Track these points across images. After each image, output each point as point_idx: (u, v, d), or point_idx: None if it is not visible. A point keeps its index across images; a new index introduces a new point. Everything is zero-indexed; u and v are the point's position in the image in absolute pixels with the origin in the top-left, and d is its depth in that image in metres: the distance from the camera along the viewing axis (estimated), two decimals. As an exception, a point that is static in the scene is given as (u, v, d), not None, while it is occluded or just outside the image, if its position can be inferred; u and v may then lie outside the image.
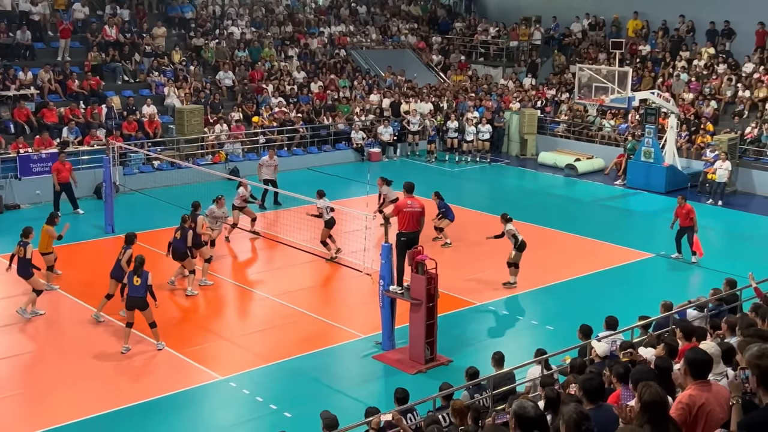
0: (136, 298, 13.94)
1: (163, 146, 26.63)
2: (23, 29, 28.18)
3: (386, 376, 13.57)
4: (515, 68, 36.64)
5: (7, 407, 12.32)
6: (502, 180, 28.61)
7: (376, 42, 37.85)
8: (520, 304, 16.90)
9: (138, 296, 13.91)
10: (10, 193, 22.84)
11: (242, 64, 31.95)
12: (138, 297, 13.91)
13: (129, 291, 14.07)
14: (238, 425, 12.18)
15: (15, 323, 15.42)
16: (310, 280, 18.23)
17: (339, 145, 30.15)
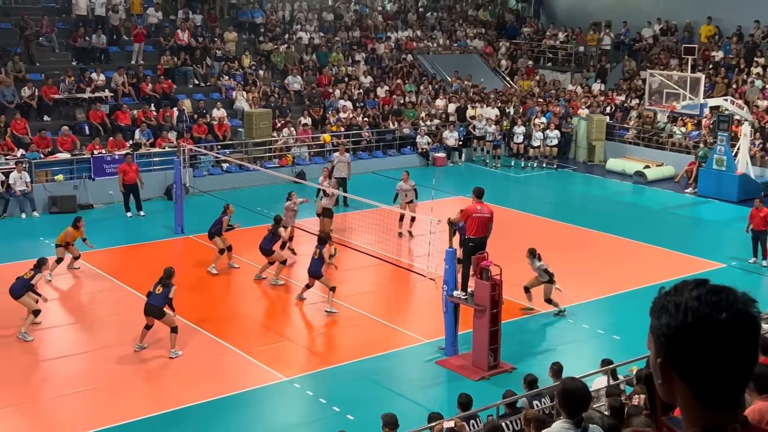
0: (153, 306, 14.02)
1: (231, 149, 27.02)
2: (99, 33, 28.90)
3: (449, 382, 13.53)
4: (584, 73, 36.20)
5: (75, 403, 12.63)
6: (568, 186, 28.27)
7: (443, 47, 37.81)
8: (587, 313, 16.66)
9: (155, 305, 13.99)
10: (84, 193, 23.43)
11: (310, 68, 32.26)
12: (155, 306, 13.99)
13: (149, 298, 14.17)
14: (301, 426, 12.29)
15: (80, 322, 15.81)
16: (374, 284, 18.28)
17: (404, 150, 30.20)
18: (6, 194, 22.06)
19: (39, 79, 26.39)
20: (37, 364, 14.00)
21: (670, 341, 2.03)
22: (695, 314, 1.99)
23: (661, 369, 2.07)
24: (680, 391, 2.05)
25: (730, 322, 1.97)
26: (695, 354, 1.98)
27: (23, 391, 12.88)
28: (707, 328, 1.97)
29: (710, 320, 1.97)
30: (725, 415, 2.02)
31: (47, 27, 28.42)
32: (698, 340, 1.98)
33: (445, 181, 25.42)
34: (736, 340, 1.97)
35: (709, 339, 1.97)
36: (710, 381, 1.99)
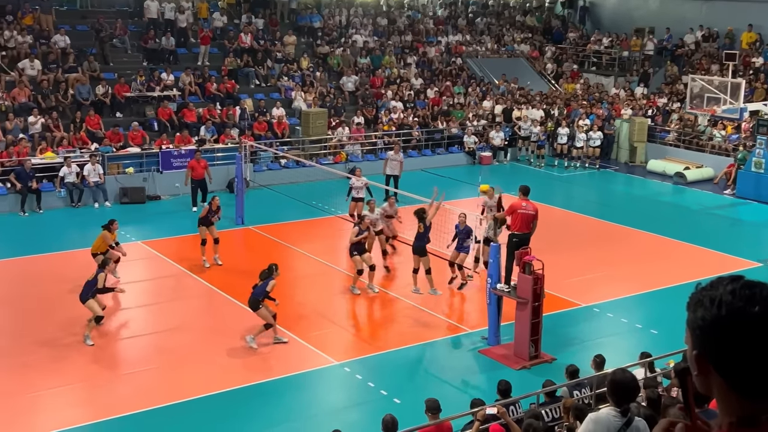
0: (251, 296, 13.91)
1: (289, 146, 27.23)
2: (168, 36, 29.34)
3: (491, 370, 13.48)
4: (627, 77, 35.70)
5: (141, 380, 12.88)
6: (610, 186, 27.94)
7: (491, 51, 37.58)
8: (625, 308, 16.47)
9: (253, 297, 13.86)
10: (152, 185, 23.83)
11: (364, 70, 32.34)
12: (253, 298, 13.87)
13: (253, 288, 13.99)
14: (350, 408, 12.36)
15: (150, 304, 16.10)
16: (422, 276, 18.28)
17: (452, 149, 30.12)
18: (81, 185, 22.56)
19: (112, 78, 26.87)
20: (107, 343, 14.30)
21: (705, 334, 2.02)
22: (729, 308, 1.98)
23: (697, 361, 2.06)
24: (716, 383, 2.04)
25: (764, 315, 1.96)
26: (729, 346, 1.97)
27: (92, 368, 13.17)
28: (741, 321, 1.96)
29: (743, 313, 1.96)
30: (760, 405, 2.00)
31: (121, 29, 28.93)
32: (732, 333, 1.96)
33: (491, 179, 25.23)
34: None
35: (743, 332, 1.96)
36: (744, 372, 1.98)
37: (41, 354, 13.45)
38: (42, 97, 25.00)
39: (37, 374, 12.80)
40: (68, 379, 12.73)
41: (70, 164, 22.37)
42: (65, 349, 13.69)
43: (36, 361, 13.20)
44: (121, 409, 11.82)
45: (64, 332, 14.31)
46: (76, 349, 13.68)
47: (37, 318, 14.92)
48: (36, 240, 19.49)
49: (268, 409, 12.02)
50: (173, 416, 11.74)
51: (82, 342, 13.80)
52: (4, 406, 11.80)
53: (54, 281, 16.80)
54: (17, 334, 14.25)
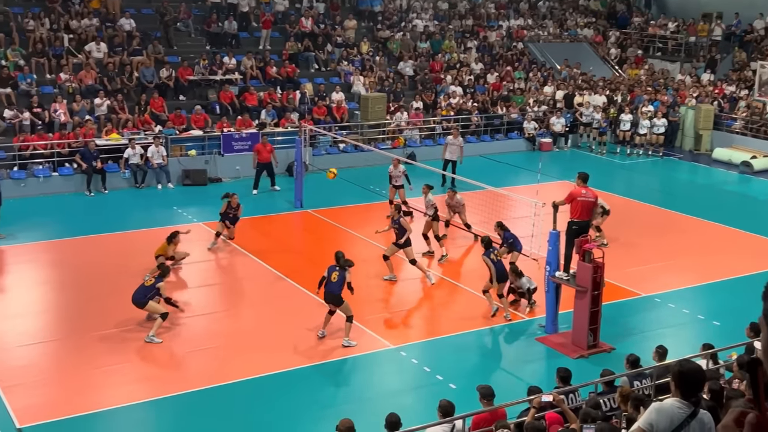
0: (331, 294, 13.50)
1: (348, 130, 27.34)
2: (230, 20, 29.66)
3: (548, 358, 13.42)
4: (693, 63, 34.88)
5: (201, 359, 13.15)
6: (673, 174, 27.39)
7: (554, 35, 37.10)
8: (687, 298, 16.18)
9: (332, 292, 13.46)
10: (213, 168, 24.20)
11: (423, 55, 32.23)
12: (332, 293, 13.46)
13: (326, 286, 13.54)
14: (406, 391, 12.44)
15: (211, 284, 16.40)
16: (480, 262, 18.22)
17: (511, 135, 29.88)
18: (144, 166, 23.04)
19: (176, 61, 27.30)
20: (169, 323, 14.62)
21: None
22: None
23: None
24: None
25: None
26: None
27: (155, 346, 13.49)
28: None
29: None
30: None
31: (184, 13, 29.36)
32: None
33: (551, 166, 25.05)
34: None
35: None
36: None
37: (106, 331, 13.82)
38: (108, 79, 25.56)
39: (103, 350, 13.17)
40: (130, 357, 13.07)
41: (134, 146, 22.86)
42: (129, 326, 14.05)
43: (101, 338, 13.58)
44: (182, 387, 12.11)
45: (127, 310, 14.69)
46: (140, 327, 14.03)
47: (103, 296, 15.34)
48: (101, 220, 19.99)
49: (325, 391, 12.18)
50: (231, 395, 11.97)
51: (148, 333, 14.12)
52: (72, 380, 12.19)
53: (118, 260, 17.22)
54: (83, 312, 14.67)
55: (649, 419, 5.20)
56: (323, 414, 11.11)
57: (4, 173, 21.54)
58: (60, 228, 19.38)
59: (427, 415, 9.82)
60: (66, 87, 24.71)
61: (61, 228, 19.37)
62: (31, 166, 22.42)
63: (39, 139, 22.66)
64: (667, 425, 5.15)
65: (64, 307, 14.96)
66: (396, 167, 20.30)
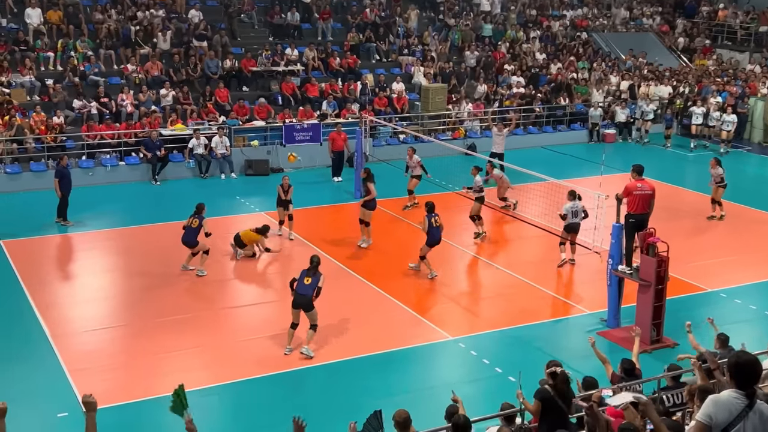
0: (302, 297, 12.70)
1: (408, 121, 27.30)
2: (293, 11, 29.85)
3: (610, 353, 13.11)
4: (763, 53, 33.84)
5: (258, 347, 13.27)
6: (741, 167, 26.62)
7: (619, 24, 36.39)
8: (755, 294, 15.74)
9: (305, 295, 12.68)
10: (275, 158, 24.43)
11: (486, 44, 31.94)
12: (304, 295, 12.68)
13: (297, 288, 12.77)
14: (465, 383, 12.35)
15: (271, 273, 16.53)
16: (541, 254, 18.03)
17: (574, 126, 29.44)
18: (208, 156, 23.38)
19: (239, 52, 27.61)
20: (228, 310, 14.82)
21: None
22: None
23: None
24: None
25: None
26: None
27: (213, 333, 13.69)
28: None
29: None
30: None
31: (248, 5, 29.67)
32: None
33: (614, 158, 24.59)
34: None
35: None
36: None
37: (169, 318, 14.09)
38: (173, 70, 25.97)
39: (166, 336, 13.43)
40: (193, 342, 13.28)
41: (198, 136, 23.21)
42: (191, 313, 14.30)
43: (165, 324, 13.85)
44: (243, 373, 12.25)
45: (187, 298, 14.95)
46: (199, 314, 14.26)
47: (167, 284, 15.63)
48: (166, 208, 20.36)
49: (385, 380, 12.19)
50: (291, 384, 12.08)
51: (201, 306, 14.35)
52: (137, 365, 12.46)
53: (182, 248, 17.51)
54: (148, 299, 14.97)
55: (707, 411, 5.10)
56: (379, 404, 11.08)
57: (73, 162, 22.10)
58: (126, 216, 19.81)
59: (486, 407, 9.75)
60: (132, 78, 25.21)
61: (127, 216, 19.79)
62: (98, 155, 22.97)
63: (106, 129, 23.18)
64: (726, 416, 5.05)
65: (129, 294, 15.29)
66: (411, 157, 20.69)
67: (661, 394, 9.18)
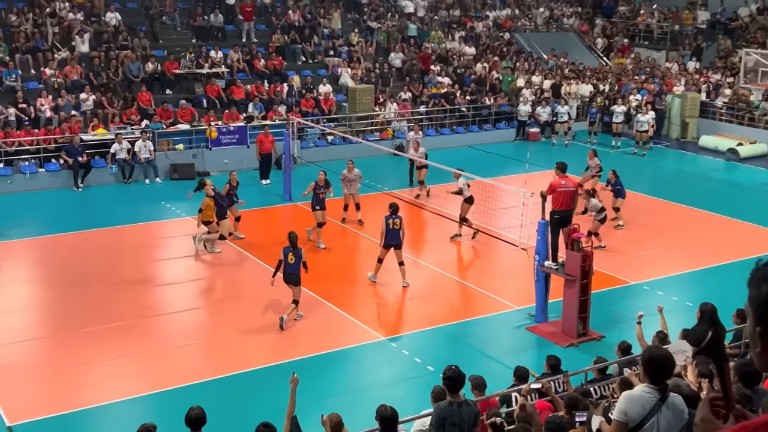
0: (293, 275, 13.86)
1: (336, 122, 27.28)
2: (216, 12, 29.51)
3: (538, 347, 13.45)
4: (679, 52, 34.96)
5: (189, 354, 13.11)
6: (661, 162, 27.45)
7: (540, 25, 37.10)
8: (676, 286, 16.25)
9: (295, 272, 13.85)
10: (201, 162, 24.10)
11: (411, 45, 32.15)
12: (294, 273, 13.85)
13: (285, 268, 13.85)
14: (398, 383, 12.44)
15: (199, 279, 16.32)
16: (469, 253, 18.27)
17: (499, 125, 29.87)
18: (132, 161, 22.92)
19: (162, 55, 27.16)
20: (157, 317, 14.57)
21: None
22: None
23: (760, 337, 2.03)
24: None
25: None
26: None
27: (142, 341, 13.45)
28: None
29: None
30: None
31: (170, 6, 29.20)
32: None
33: (539, 156, 25.04)
34: None
35: None
36: None
37: (95, 327, 13.76)
38: (93, 74, 25.39)
39: (91, 347, 13.11)
40: (119, 353, 13.00)
41: (121, 141, 22.73)
42: (118, 322, 14.00)
43: (90, 335, 13.51)
44: (171, 382, 12.06)
45: (116, 306, 14.63)
46: (125, 323, 13.98)
47: (92, 292, 15.26)
48: (89, 215, 19.89)
49: (316, 383, 12.15)
50: (220, 390, 11.94)
51: (141, 316, 14.09)
52: (62, 377, 12.13)
53: (106, 256, 17.15)
54: (72, 309, 14.59)
55: (621, 408, 5.26)
56: (313, 406, 11.08)
57: (-10, 170, 21.40)
58: (47, 224, 19.26)
59: (420, 406, 9.81)
60: (51, 82, 24.54)
61: (49, 224, 19.25)
62: (17, 162, 22.27)
63: (25, 135, 22.51)
64: (639, 411, 5.22)
65: (52, 304, 14.88)
66: (417, 150, 21.30)
67: (588, 387, 9.39)
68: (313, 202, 17.99)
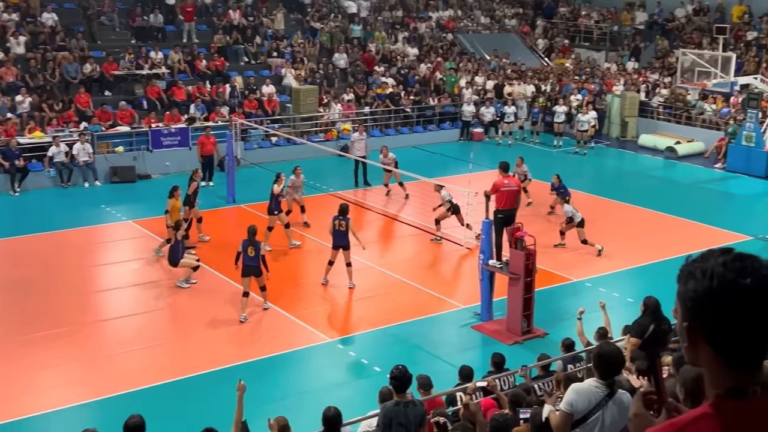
0: (252, 267, 14.17)
1: (280, 123, 27.14)
2: (156, 13, 29.10)
3: (484, 345, 13.57)
4: (618, 52, 35.64)
5: (133, 360, 12.90)
6: (602, 161, 27.95)
7: (482, 26, 37.44)
8: (617, 282, 16.56)
9: (253, 265, 14.16)
10: (142, 164, 23.74)
11: (355, 46, 32.15)
12: (253, 266, 14.16)
13: (244, 260, 14.20)
14: (345, 384, 12.43)
15: (142, 283, 16.08)
16: (414, 253, 18.34)
17: (443, 125, 30.07)
18: (70, 164, 22.46)
19: (100, 56, 26.68)
20: (101, 323, 14.31)
21: (696, 305, 2.03)
22: (720, 279, 2.00)
23: (687, 332, 2.08)
24: (705, 355, 2.06)
25: (754, 287, 1.97)
26: (720, 317, 1.99)
27: (83, 348, 13.19)
28: (731, 292, 1.98)
29: (735, 285, 1.98)
30: (747, 377, 2.03)
31: (108, 7, 28.70)
32: (723, 304, 1.98)
33: (483, 156, 25.28)
34: (759, 304, 1.97)
35: (734, 303, 1.97)
36: (734, 344, 2.00)
37: (34, 335, 13.44)
38: (30, 76, 24.81)
39: (30, 355, 12.80)
40: (58, 360, 12.74)
41: (58, 143, 22.24)
42: (57, 329, 13.70)
43: (28, 342, 13.20)
44: (113, 389, 11.84)
45: (54, 313, 14.31)
46: (65, 329, 13.69)
47: (30, 299, 14.90)
48: (27, 220, 19.42)
49: (262, 387, 12.06)
50: (166, 395, 11.78)
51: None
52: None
53: (45, 262, 16.77)
54: (9, 316, 14.23)
55: (568, 399, 5.35)
56: (260, 410, 11.00)
57: None
58: (-17, 230, 18.76)
59: (367, 407, 9.81)
60: (-15, 84, 23.93)
61: (-16, 230, 18.75)
62: (-50, 166, 21.65)
63: (-42, 139, 21.90)
64: (585, 405, 5.31)
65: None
66: (386, 155, 21.19)
67: (532, 384, 9.50)
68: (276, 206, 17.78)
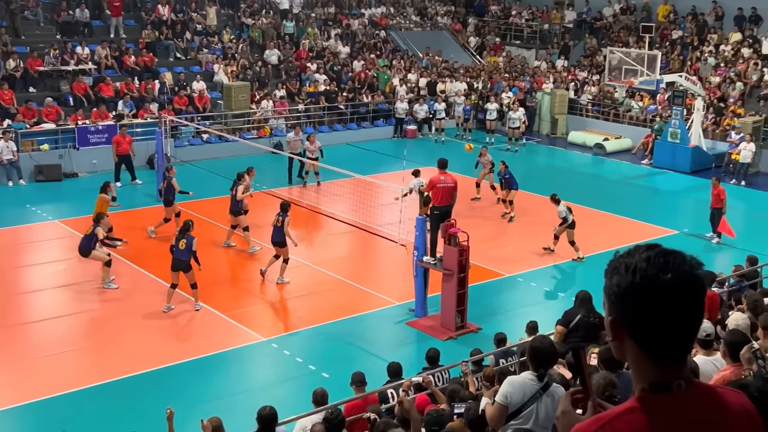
0: (181, 261, 14.14)
1: (211, 120, 26.81)
2: (82, 7, 28.41)
3: (418, 341, 13.66)
4: (548, 50, 36.24)
5: (63, 362, 12.61)
6: (533, 158, 28.40)
7: (415, 23, 37.63)
8: (548, 277, 16.88)
9: (182, 259, 14.12)
10: (69, 162, 23.18)
11: (288, 42, 31.94)
12: (182, 260, 14.12)
13: (174, 253, 14.25)
14: (279, 383, 12.37)
15: (69, 284, 15.71)
16: (348, 250, 18.35)
17: (377, 122, 30.13)
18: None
19: (24, 51, 25.93)
20: (27, 325, 13.93)
21: (620, 300, 2.07)
22: (643, 274, 2.04)
23: (612, 327, 2.12)
24: (630, 349, 2.10)
25: (675, 283, 2.02)
26: (643, 312, 2.03)
27: (9, 351, 12.83)
28: (654, 287, 2.02)
29: (657, 280, 2.02)
30: (672, 371, 2.07)
31: (32, 1, 27.90)
32: (645, 299, 2.02)
33: (416, 153, 25.42)
34: (681, 299, 2.02)
35: (656, 298, 2.01)
36: (657, 338, 2.04)
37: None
38: (-51, 71, 23.99)
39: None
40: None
41: (-20, 141, 21.57)
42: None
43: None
44: (44, 392, 11.56)
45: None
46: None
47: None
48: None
49: (196, 387, 11.92)
50: (98, 397, 11.54)
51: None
52: None
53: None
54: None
55: (503, 391, 5.44)
56: (193, 411, 10.87)
57: None
58: None
59: (303, 405, 9.79)
60: None
61: None
62: None
63: None
64: (520, 397, 5.40)
65: None
66: (312, 143, 21.93)
67: (466, 379, 9.59)
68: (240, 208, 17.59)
